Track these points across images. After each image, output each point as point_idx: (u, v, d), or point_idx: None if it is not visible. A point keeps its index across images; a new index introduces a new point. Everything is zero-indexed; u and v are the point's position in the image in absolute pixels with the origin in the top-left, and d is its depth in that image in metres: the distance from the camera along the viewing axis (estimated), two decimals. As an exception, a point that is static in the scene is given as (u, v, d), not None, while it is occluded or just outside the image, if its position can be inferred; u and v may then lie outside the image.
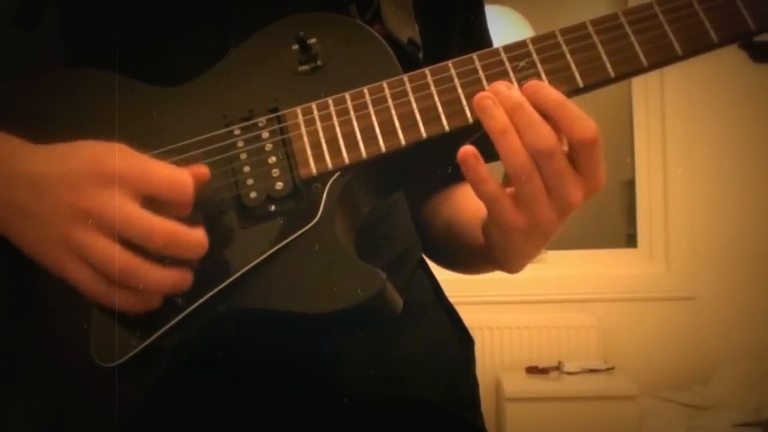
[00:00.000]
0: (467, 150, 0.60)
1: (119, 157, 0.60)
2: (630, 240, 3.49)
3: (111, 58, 0.73)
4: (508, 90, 0.60)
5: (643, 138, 3.40)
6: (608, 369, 3.04)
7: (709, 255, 3.25)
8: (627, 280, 3.30)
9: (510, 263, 0.72)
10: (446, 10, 0.87)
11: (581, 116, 0.59)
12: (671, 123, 3.33)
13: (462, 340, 0.89)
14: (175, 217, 0.59)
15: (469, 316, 0.90)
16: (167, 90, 0.69)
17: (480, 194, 0.62)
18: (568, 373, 3.02)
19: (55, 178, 0.59)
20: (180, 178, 0.59)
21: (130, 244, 0.58)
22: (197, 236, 0.59)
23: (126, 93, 0.69)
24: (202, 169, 0.62)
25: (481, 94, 0.61)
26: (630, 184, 3.43)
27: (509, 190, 0.62)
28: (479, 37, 0.89)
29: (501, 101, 0.60)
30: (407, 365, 0.79)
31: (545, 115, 0.60)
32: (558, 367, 3.07)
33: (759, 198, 3.26)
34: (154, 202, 0.58)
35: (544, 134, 0.59)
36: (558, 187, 0.60)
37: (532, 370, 3.09)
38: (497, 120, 0.60)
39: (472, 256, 0.80)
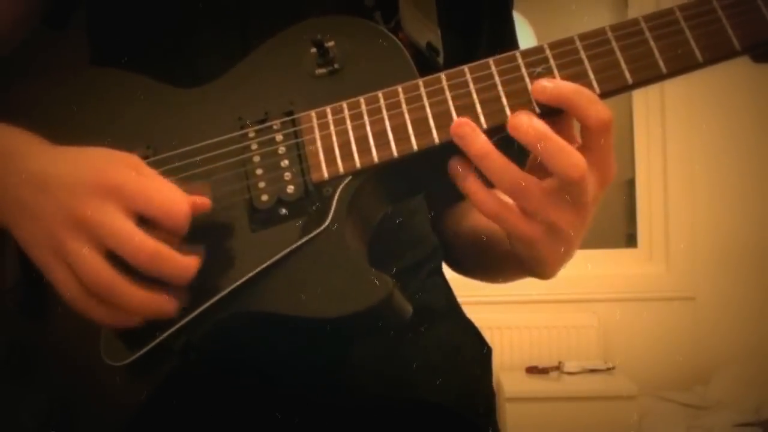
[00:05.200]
0: (455, 159, 0.59)
1: (124, 170, 0.60)
2: (630, 240, 3.49)
3: (134, 58, 0.74)
4: (530, 120, 0.58)
5: (643, 138, 3.40)
6: (608, 369, 3.04)
7: (709, 255, 3.26)
8: (627, 280, 3.30)
9: (539, 270, 0.70)
10: (473, 18, 0.86)
11: (596, 99, 0.59)
12: (671, 123, 3.33)
13: (479, 348, 0.88)
14: (168, 239, 0.59)
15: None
16: (187, 91, 0.70)
17: (479, 208, 0.61)
18: (568, 373, 3.03)
19: (58, 179, 0.60)
20: (177, 204, 0.59)
21: (119, 260, 0.58)
22: (184, 261, 0.59)
23: (146, 93, 0.70)
24: (204, 201, 0.62)
25: (458, 120, 0.60)
26: (630, 184, 3.44)
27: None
28: (507, 47, 0.88)
29: (524, 133, 0.58)
30: (421, 369, 0.79)
31: (559, 107, 0.59)
32: (558, 367, 3.07)
33: (758, 198, 3.27)
34: (148, 222, 0.59)
35: (574, 162, 0.58)
36: (574, 195, 0.59)
37: (532, 370, 3.10)
38: (479, 146, 0.59)
39: (501, 263, 0.78)
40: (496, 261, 0.79)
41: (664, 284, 3.30)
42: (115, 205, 0.58)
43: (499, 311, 3.19)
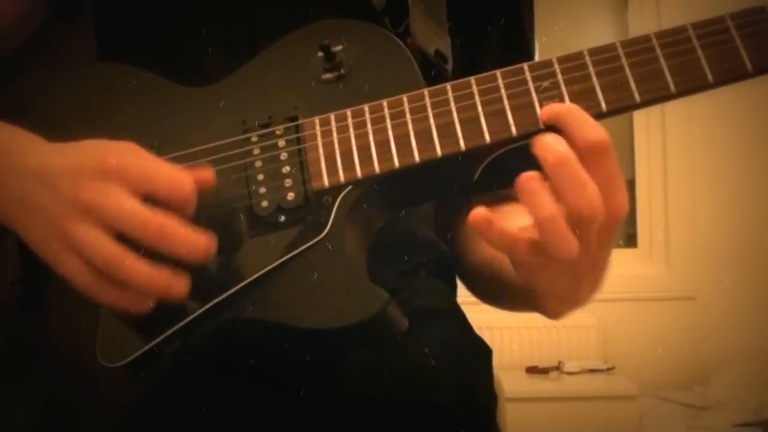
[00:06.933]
0: (477, 215, 0.56)
1: (123, 153, 0.60)
2: (630, 240, 3.49)
3: (141, 54, 0.74)
4: (556, 143, 0.54)
5: (643, 138, 3.40)
6: (608, 369, 3.05)
7: (709, 255, 3.25)
8: (627, 280, 3.29)
9: (544, 303, 0.67)
10: (484, 27, 0.85)
11: (589, 120, 0.56)
12: (671, 123, 3.33)
13: (479, 349, 0.88)
14: (179, 218, 0.58)
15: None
16: (193, 90, 0.70)
17: (497, 248, 0.60)
18: (568, 373, 3.03)
19: (58, 171, 0.59)
20: (180, 177, 0.59)
21: (127, 241, 0.57)
22: (193, 235, 0.58)
23: (153, 90, 0.70)
24: (207, 173, 0.61)
25: (527, 175, 0.54)
26: (630, 184, 3.43)
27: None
28: (521, 53, 0.85)
29: (547, 155, 0.54)
30: (421, 370, 0.78)
31: (554, 125, 0.57)
32: (558, 367, 3.07)
33: (759, 198, 3.27)
34: (155, 202, 0.58)
35: (589, 196, 0.54)
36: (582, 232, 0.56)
37: (532, 370, 3.10)
38: (545, 207, 0.54)
39: (509, 295, 0.74)
40: (504, 292, 0.77)
41: (664, 284, 3.30)
42: (119, 186, 0.58)
43: (499, 311, 3.17)
